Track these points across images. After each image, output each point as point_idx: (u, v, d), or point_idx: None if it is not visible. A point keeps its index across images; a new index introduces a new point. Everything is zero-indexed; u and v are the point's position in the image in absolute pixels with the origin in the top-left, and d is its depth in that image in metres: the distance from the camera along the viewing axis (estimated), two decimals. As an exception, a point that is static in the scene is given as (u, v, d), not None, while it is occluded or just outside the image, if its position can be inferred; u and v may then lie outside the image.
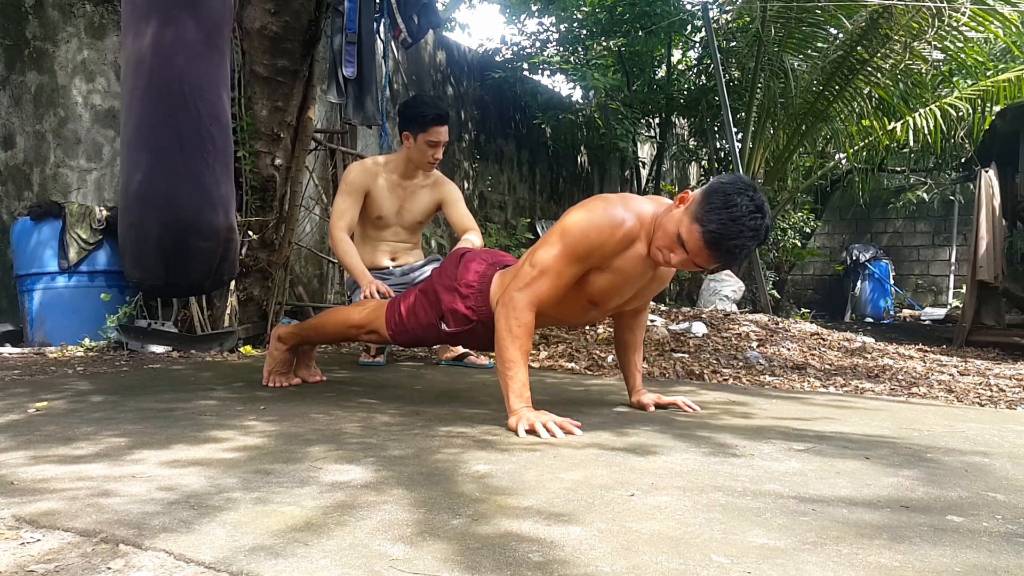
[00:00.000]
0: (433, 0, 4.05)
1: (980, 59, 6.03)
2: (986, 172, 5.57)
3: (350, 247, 2.83)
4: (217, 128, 2.12)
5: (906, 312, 9.79)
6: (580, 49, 7.56)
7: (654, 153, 8.72)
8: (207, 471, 1.29)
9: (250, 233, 3.62)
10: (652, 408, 2.06)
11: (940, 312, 8.90)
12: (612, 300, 1.87)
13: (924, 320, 8.75)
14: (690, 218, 1.66)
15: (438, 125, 2.85)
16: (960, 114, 5.99)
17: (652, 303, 4.95)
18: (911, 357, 4.00)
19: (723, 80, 5.52)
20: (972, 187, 6.70)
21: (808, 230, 8.78)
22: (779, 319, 4.85)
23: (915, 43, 5.72)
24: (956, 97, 6.11)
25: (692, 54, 8.31)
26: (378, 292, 2.61)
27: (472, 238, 2.92)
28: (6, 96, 4.03)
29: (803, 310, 7.97)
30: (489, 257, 2.08)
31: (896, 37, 5.72)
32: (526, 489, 1.21)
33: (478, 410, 2.01)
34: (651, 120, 8.08)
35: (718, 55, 5.66)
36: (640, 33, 6.87)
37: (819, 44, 6.33)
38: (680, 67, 8.34)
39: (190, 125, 2.06)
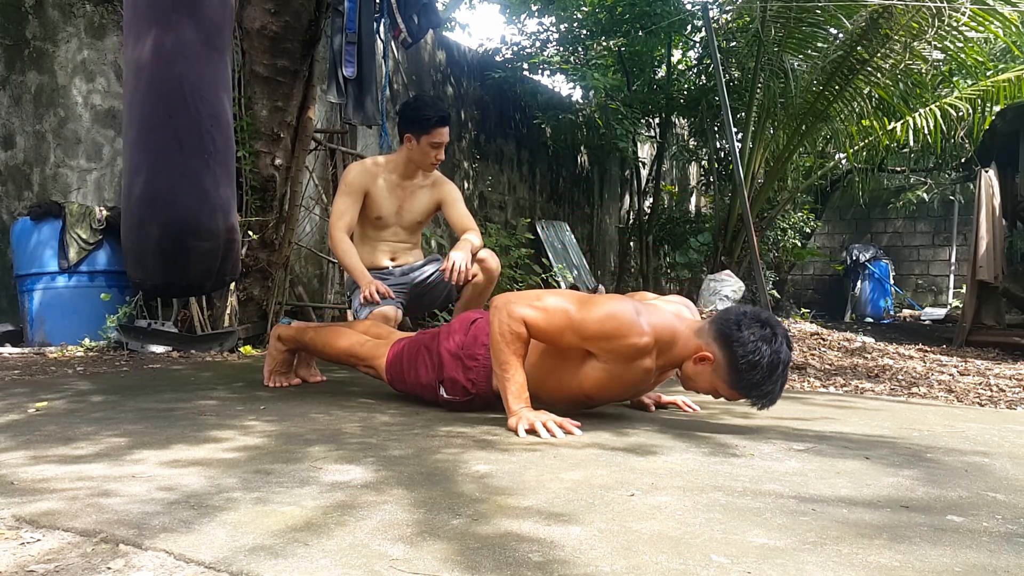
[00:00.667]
0: (433, 0, 4.05)
1: (980, 59, 6.03)
2: (986, 172, 5.57)
3: (349, 247, 2.83)
4: (218, 129, 2.12)
5: (906, 312, 9.79)
6: (580, 49, 7.56)
7: (654, 153, 8.72)
8: (207, 471, 1.29)
9: (250, 233, 3.62)
10: (652, 408, 2.06)
11: (940, 312, 8.90)
12: (606, 398, 1.87)
13: (924, 320, 8.75)
14: (723, 380, 1.67)
15: (441, 127, 2.85)
16: (960, 114, 5.98)
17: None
18: (911, 357, 4.00)
19: (723, 80, 5.51)
20: (972, 187, 6.70)
21: (808, 230, 8.78)
22: (779, 319, 4.85)
23: (915, 43, 5.72)
24: (956, 97, 6.10)
25: (692, 54, 8.31)
26: (377, 292, 2.61)
27: (471, 238, 2.92)
28: (6, 96, 4.03)
29: (803, 310, 7.97)
30: None
31: (896, 37, 5.72)
32: (526, 489, 1.21)
33: (478, 410, 2.01)
34: (651, 120, 8.08)
35: (718, 55, 5.65)
36: (640, 33, 6.86)
37: (819, 44, 6.33)
38: (680, 67, 8.34)
39: (191, 127, 2.06)
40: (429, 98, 3.43)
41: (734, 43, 7.17)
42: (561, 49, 7.55)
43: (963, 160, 7.24)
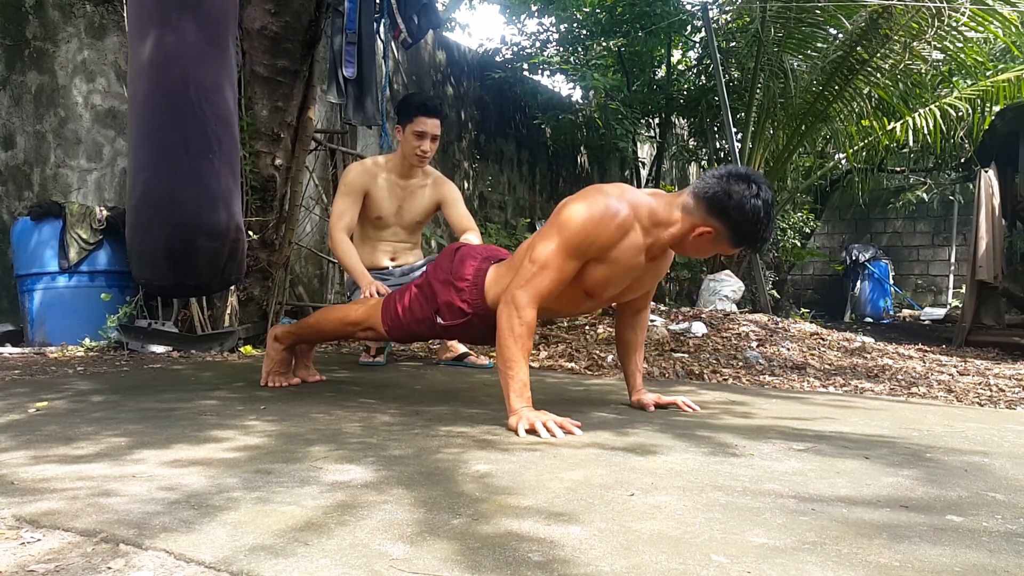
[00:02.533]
0: (433, 0, 4.05)
1: (980, 59, 6.03)
2: (986, 172, 5.58)
3: (350, 248, 2.83)
4: (223, 129, 2.12)
5: (906, 312, 9.79)
6: (580, 49, 7.56)
7: (654, 153, 8.72)
8: (208, 471, 1.29)
9: (250, 233, 3.61)
10: (652, 408, 2.06)
11: (940, 312, 8.90)
12: (607, 291, 1.88)
13: (924, 320, 8.75)
14: (726, 243, 1.76)
15: (423, 115, 2.84)
16: (960, 114, 5.99)
17: (652, 303, 4.95)
18: (911, 357, 4.00)
19: (723, 80, 5.52)
20: (972, 187, 6.70)
21: (808, 230, 8.78)
22: (779, 319, 4.85)
23: (915, 43, 5.72)
24: (956, 97, 6.11)
25: (692, 54, 8.31)
26: (378, 293, 2.62)
27: (471, 238, 2.92)
28: (6, 96, 4.03)
29: (803, 310, 7.97)
30: (483, 251, 2.10)
31: (896, 37, 5.72)
32: (526, 489, 1.21)
33: (478, 410, 2.01)
34: (651, 120, 8.09)
35: (718, 55, 5.66)
36: (640, 33, 6.87)
37: (819, 44, 6.33)
38: (680, 67, 8.34)
39: (196, 126, 2.06)
40: (422, 93, 3.45)
41: (734, 43, 7.17)
42: (561, 49, 7.56)
43: (963, 160, 7.24)
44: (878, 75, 6.11)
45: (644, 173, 8.72)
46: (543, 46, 7.58)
